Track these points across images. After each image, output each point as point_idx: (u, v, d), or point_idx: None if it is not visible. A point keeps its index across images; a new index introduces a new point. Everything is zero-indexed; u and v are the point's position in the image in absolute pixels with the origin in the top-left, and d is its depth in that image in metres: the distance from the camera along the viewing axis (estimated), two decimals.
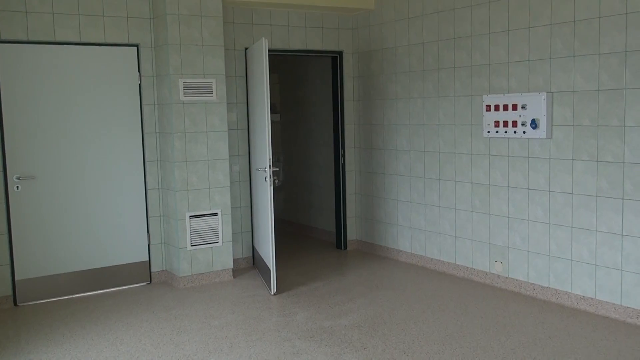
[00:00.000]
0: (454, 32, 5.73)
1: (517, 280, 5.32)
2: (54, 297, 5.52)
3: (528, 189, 5.16)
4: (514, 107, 5.15)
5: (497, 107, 5.31)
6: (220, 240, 5.91)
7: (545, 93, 4.90)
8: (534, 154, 5.08)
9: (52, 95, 5.41)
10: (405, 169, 6.39)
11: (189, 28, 5.62)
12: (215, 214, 5.87)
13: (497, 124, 5.32)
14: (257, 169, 5.84)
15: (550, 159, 4.97)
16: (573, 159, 4.80)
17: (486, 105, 5.41)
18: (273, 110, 8.64)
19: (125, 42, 5.69)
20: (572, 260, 4.88)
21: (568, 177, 4.85)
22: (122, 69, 5.72)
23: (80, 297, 5.59)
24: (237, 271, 6.29)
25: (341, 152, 7.01)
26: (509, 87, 5.25)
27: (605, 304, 4.67)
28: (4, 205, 5.26)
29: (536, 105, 4.96)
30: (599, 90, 4.59)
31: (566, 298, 4.94)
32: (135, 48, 5.78)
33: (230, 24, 6.23)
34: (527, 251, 5.21)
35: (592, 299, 4.76)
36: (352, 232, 7.16)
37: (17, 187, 5.30)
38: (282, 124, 8.63)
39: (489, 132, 5.40)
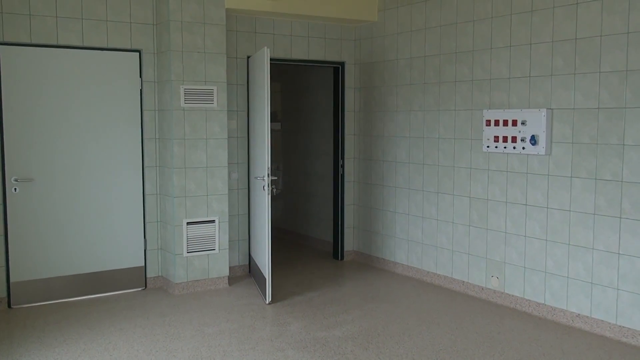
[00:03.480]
0: (455, 46, 5.74)
1: (513, 296, 5.30)
2: (48, 301, 5.50)
3: (526, 204, 5.15)
4: (514, 123, 5.15)
5: (497, 122, 5.31)
6: (216, 248, 5.90)
7: (545, 110, 4.90)
8: (533, 170, 5.08)
9: (53, 98, 5.42)
10: (404, 181, 6.39)
11: (192, 35, 5.64)
12: (213, 221, 5.86)
13: (496, 139, 5.32)
14: (256, 178, 5.84)
15: (548, 175, 4.97)
16: (571, 176, 4.80)
17: (486, 120, 5.41)
18: (274, 118, 8.65)
19: (128, 47, 5.71)
20: (568, 277, 4.86)
21: (566, 194, 4.85)
22: (123, 74, 5.73)
23: (74, 301, 5.57)
24: (232, 279, 6.27)
25: (340, 162, 7.01)
26: (509, 103, 5.26)
27: (601, 323, 4.65)
28: (1, 207, 5.25)
29: (536, 121, 4.97)
30: (599, 108, 4.60)
31: (561, 315, 4.92)
32: (138, 53, 5.79)
33: (233, 32, 6.24)
34: (524, 267, 5.20)
35: (587, 317, 4.74)
36: (350, 242, 7.15)
37: (15, 189, 5.29)
38: (283, 132, 8.63)
39: (488, 146, 5.41)
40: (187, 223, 5.72)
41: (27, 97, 5.31)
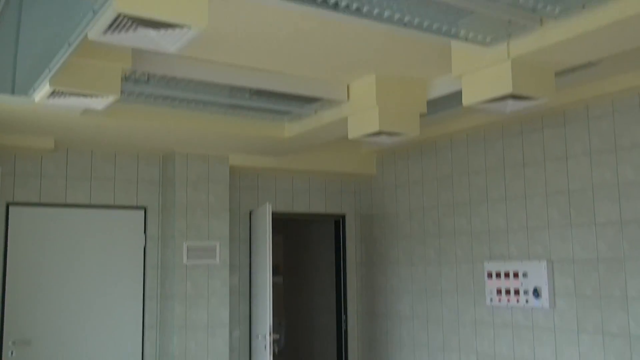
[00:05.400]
0: (453, 198, 5.86)
1: None
2: None
3: None
4: (515, 275, 5.12)
5: (498, 275, 5.28)
6: None
7: (545, 261, 4.89)
8: (539, 324, 4.97)
9: (57, 257, 5.46)
10: (408, 337, 6.22)
11: (196, 192, 5.79)
12: None
13: (499, 291, 5.26)
14: (257, 336, 5.71)
15: (555, 330, 4.84)
16: (578, 330, 4.68)
17: (487, 272, 5.39)
18: (276, 272, 8.63)
19: (134, 204, 5.85)
20: None
21: (574, 351, 4.69)
22: (128, 231, 5.82)
23: None
24: None
25: (343, 317, 6.87)
26: (509, 254, 5.26)
27: None
28: None
29: (537, 273, 4.94)
30: (598, 259, 4.59)
31: None
32: (143, 210, 5.92)
33: (236, 187, 6.42)
34: None
35: None
36: None
37: (12, 352, 5.17)
38: (285, 286, 8.57)
39: (491, 299, 5.33)
40: None
41: (33, 256, 5.36)
